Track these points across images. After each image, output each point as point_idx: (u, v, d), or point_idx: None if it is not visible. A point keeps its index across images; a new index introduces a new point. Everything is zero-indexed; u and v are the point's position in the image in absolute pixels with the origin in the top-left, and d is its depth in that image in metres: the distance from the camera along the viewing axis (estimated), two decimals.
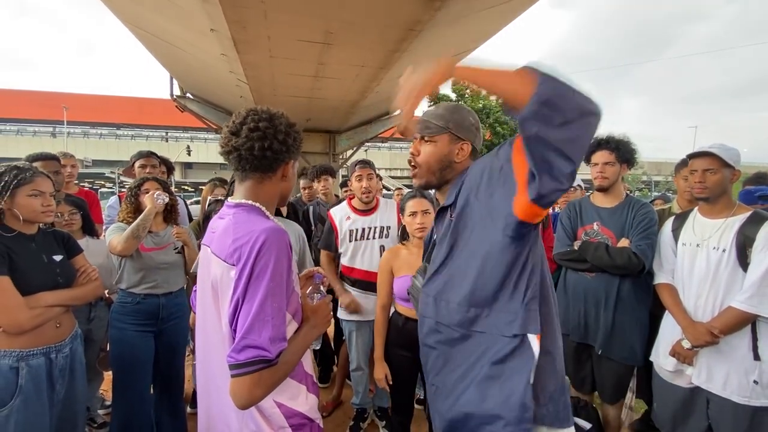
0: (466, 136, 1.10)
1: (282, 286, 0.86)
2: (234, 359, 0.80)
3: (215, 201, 2.39)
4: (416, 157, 1.13)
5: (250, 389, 0.81)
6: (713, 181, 1.56)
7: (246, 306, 0.82)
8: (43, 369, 1.40)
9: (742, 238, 1.50)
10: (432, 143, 1.10)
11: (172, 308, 1.99)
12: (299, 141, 1.03)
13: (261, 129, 0.94)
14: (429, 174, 1.12)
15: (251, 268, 0.83)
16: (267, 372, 0.81)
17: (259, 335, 0.80)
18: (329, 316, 1.07)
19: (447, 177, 1.11)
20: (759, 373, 1.47)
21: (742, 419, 1.49)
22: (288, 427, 0.94)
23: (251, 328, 0.80)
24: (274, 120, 0.97)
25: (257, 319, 0.81)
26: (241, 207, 0.98)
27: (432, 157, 1.10)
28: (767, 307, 1.42)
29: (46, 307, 1.41)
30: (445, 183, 1.12)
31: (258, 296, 0.82)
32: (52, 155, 2.44)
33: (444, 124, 1.09)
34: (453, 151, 1.10)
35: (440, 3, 4.10)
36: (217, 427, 0.98)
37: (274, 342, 0.81)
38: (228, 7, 4.04)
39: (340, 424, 2.42)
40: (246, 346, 0.80)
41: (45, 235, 1.54)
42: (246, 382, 0.80)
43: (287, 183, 1.05)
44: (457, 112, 1.11)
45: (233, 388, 0.82)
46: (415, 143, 1.14)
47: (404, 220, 1.89)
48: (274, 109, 1.01)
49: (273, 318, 0.82)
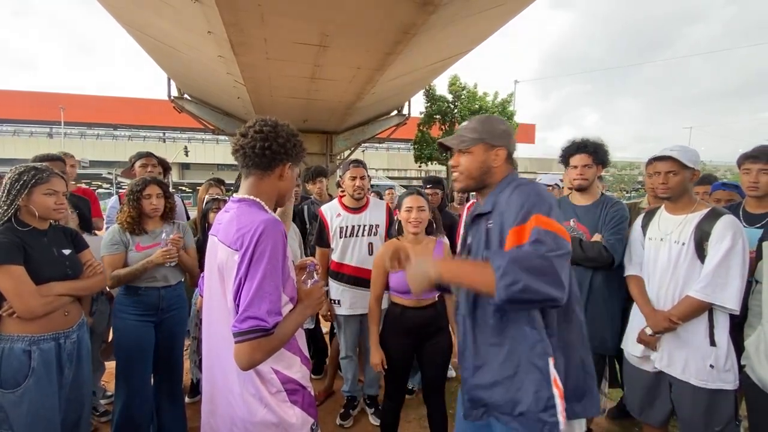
0: (500, 143, 1.24)
1: (278, 268, 1.01)
2: (237, 328, 0.96)
3: (212, 199, 2.50)
4: (457, 167, 1.27)
5: (250, 353, 0.96)
6: (675, 182, 1.69)
7: (247, 284, 0.98)
8: (53, 353, 1.52)
9: (699, 233, 1.62)
10: (469, 154, 1.24)
11: (171, 300, 2.09)
12: (299, 148, 1.18)
13: (264, 132, 1.12)
14: (469, 179, 1.26)
15: (252, 253, 0.99)
16: (265, 339, 0.97)
17: (258, 308, 0.96)
18: (322, 298, 1.23)
19: (487, 181, 1.25)
20: (715, 358, 1.58)
21: (700, 401, 1.61)
22: (283, 390, 1.09)
23: (252, 302, 0.96)
24: (277, 126, 1.14)
25: (257, 295, 0.97)
26: (244, 201, 1.14)
27: (471, 165, 1.24)
28: (720, 296, 1.54)
29: (56, 296, 1.53)
30: (484, 186, 1.26)
31: (258, 276, 0.97)
32: (58, 156, 2.56)
33: (478, 136, 1.23)
34: (489, 158, 1.23)
35: (434, 6, 4.20)
36: (221, 392, 1.12)
37: (271, 314, 0.97)
38: (225, 9, 4.13)
39: (331, 412, 2.54)
40: (247, 317, 0.96)
41: (55, 230, 1.66)
42: (247, 348, 0.96)
43: (285, 183, 1.19)
44: (488, 122, 1.26)
45: (237, 352, 0.97)
46: (454, 157, 1.28)
47: (400, 215, 2.01)
48: (282, 120, 1.18)
49: (270, 294, 0.98)
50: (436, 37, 5.41)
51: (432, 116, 17.59)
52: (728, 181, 2.29)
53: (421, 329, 1.94)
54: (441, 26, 4.98)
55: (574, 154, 2.12)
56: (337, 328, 2.51)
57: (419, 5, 4.19)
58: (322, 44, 5.14)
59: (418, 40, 5.12)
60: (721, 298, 1.54)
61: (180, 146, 25.38)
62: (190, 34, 5.33)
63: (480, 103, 17.18)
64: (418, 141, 18.02)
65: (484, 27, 5.85)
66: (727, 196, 2.28)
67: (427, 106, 17.63)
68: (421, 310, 1.93)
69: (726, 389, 1.58)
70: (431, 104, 17.45)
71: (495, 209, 1.17)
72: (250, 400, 1.05)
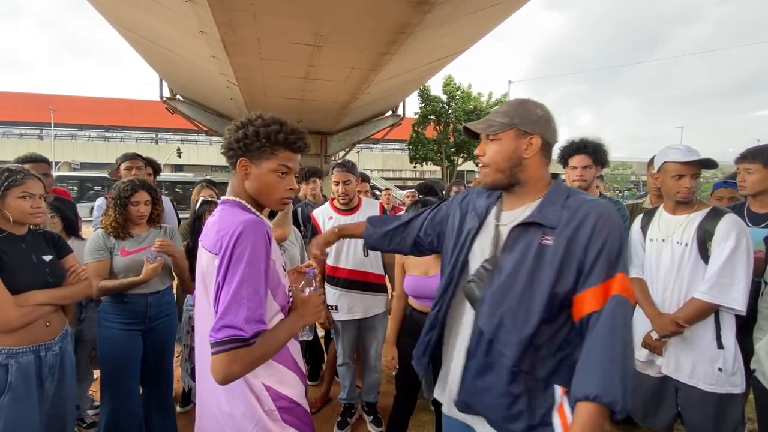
0: (534, 130, 1.02)
1: (259, 272, 0.93)
2: (213, 338, 0.88)
3: (205, 202, 2.42)
4: (481, 157, 1.08)
5: (227, 365, 0.87)
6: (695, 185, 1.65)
7: (225, 289, 0.90)
8: (32, 366, 1.43)
9: (702, 233, 1.58)
10: (497, 141, 1.05)
11: (160, 306, 2.01)
12: (266, 144, 1.02)
13: (236, 126, 1.04)
14: (497, 172, 1.05)
15: (230, 255, 0.91)
16: (243, 350, 0.88)
17: (235, 316, 0.87)
18: (320, 308, 1.13)
19: (519, 175, 1.04)
20: (723, 361, 1.55)
21: (708, 406, 1.57)
22: (276, 409, 1.01)
23: (228, 309, 0.88)
24: (251, 119, 1.05)
25: (233, 302, 0.88)
26: (226, 203, 1.07)
27: (498, 155, 1.04)
28: (727, 297, 1.50)
29: (36, 306, 1.44)
30: (516, 183, 1.05)
31: (235, 280, 0.89)
32: (42, 157, 2.46)
33: (508, 120, 1.03)
34: (521, 147, 1.02)
35: (429, 6, 4.17)
36: (210, 409, 1.04)
37: (249, 322, 0.88)
38: (217, 9, 4.06)
39: (328, 420, 2.47)
40: (223, 326, 0.87)
41: (35, 235, 1.57)
42: (223, 359, 0.87)
43: (253, 183, 1.05)
44: (523, 105, 1.05)
45: (212, 364, 0.89)
46: (480, 144, 1.09)
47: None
48: (269, 114, 1.06)
49: (249, 301, 0.89)
50: (430, 37, 5.38)
51: (427, 116, 17.62)
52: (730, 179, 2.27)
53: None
54: (436, 26, 4.95)
55: (573, 155, 2.09)
56: (334, 334, 2.45)
57: (414, 4, 4.15)
58: (316, 44, 5.09)
59: (412, 40, 5.09)
60: (727, 299, 1.50)
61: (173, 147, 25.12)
62: (182, 33, 5.25)
63: (474, 103, 17.22)
64: (413, 141, 18.02)
65: (479, 27, 5.84)
66: (729, 194, 2.26)
67: (421, 107, 17.65)
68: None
69: (735, 393, 1.54)
70: (426, 105, 17.48)
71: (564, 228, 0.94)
72: (240, 419, 0.97)
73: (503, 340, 0.99)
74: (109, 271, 1.90)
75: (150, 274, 1.88)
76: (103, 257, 1.88)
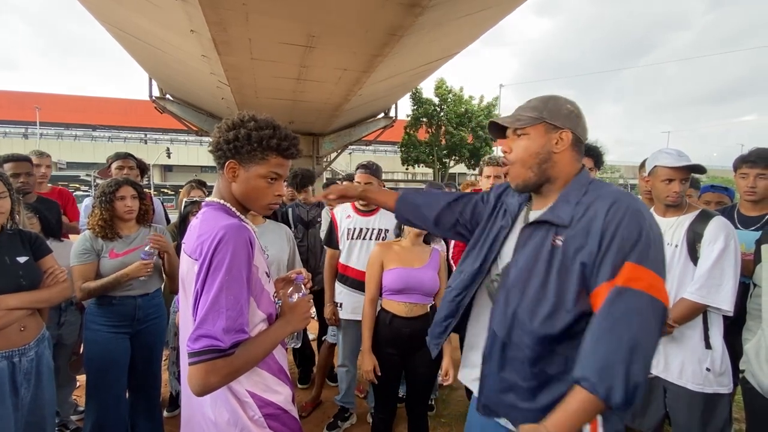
0: (564, 124, 0.96)
1: (240, 279, 0.89)
2: (190, 348, 0.84)
3: (191, 202, 2.37)
4: (508, 155, 1.01)
5: (204, 377, 0.83)
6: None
7: (203, 297, 0.86)
8: (5, 373, 1.36)
9: (691, 234, 1.60)
10: (525, 136, 0.98)
11: (148, 309, 1.95)
12: (257, 148, 0.98)
13: (226, 125, 0.99)
14: (525, 170, 0.98)
15: (209, 262, 0.87)
16: (222, 361, 0.84)
17: (213, 325, 0.83)
18: (307, 314, 1.09)
19: (549, 173, 0.98)
20: (711, 361, 1.56)
21: (696, 406, 1.58)
22: (261, 416, 0.97)
23: (206, 318, 0.84)
24: (244, 120, 1.00)
25: (211, 310, 0.84)
26: (210, 206, 1.03)
27: (526, 150, 0.98)
28: (715, 298, 1.51)
29: (8, 310, 1.38)
30: (546, 182, 0.99)
31: (214, 288, 0.85)
32: (24, 156, 2.39)
33: (537, 114, 0.97)
34: (551, 141, 0.96)
35: (421, 9, 4.19)
36: (195, 417, 1.00)
37: (227, 332, 0.84)
38: (208, 8, 4.03)
39: (319, 424, 2.43)
40: (200, 336, 0.83)
41: (10, 236, 1.50)
42: (200, 370, 0.83)
43: (240, 186, 1.01)
44: (552, 99, 1.00)
45: (189, 375, 0.85)
46: (506, 141, 1.02)
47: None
48: (262, 117, 1.01)
49: (228, 309, 0.85)
50: (422, 40, 5.41)
51: (419, 119, 17.70)
52: (717, 184, 2.31)
53: (410, 340, 1.84)
54: (428, 29, 4.98)
55: None
56: (337, 332, 2.42)
57: (407, 7, 4.17)
58: (308, 45, 5.07)
59: (404, 43, 5.11)
60: (716, 300, 1.51)
61: (162, 148, 24.79)
62: (173, 32, 5.18)
63: (466, 107, 17.35)
64: (405, 143, 18.08)
65: (470, 30, 5.89)
66: (717, 198, 2.29)
67: (413, 109, 17.73)
68: (412, 321, 1.83)
69: (722, 393, 1.55)
70: (418, 107, 17.56)
71: (576, 224, 0.90)
72: (224, 427, 0.93)
73: (516, 341, 0.94)
74: (97, 275, 1.83)
75: (139, 269, 1.81)
76: (89, 260, 1.81)
